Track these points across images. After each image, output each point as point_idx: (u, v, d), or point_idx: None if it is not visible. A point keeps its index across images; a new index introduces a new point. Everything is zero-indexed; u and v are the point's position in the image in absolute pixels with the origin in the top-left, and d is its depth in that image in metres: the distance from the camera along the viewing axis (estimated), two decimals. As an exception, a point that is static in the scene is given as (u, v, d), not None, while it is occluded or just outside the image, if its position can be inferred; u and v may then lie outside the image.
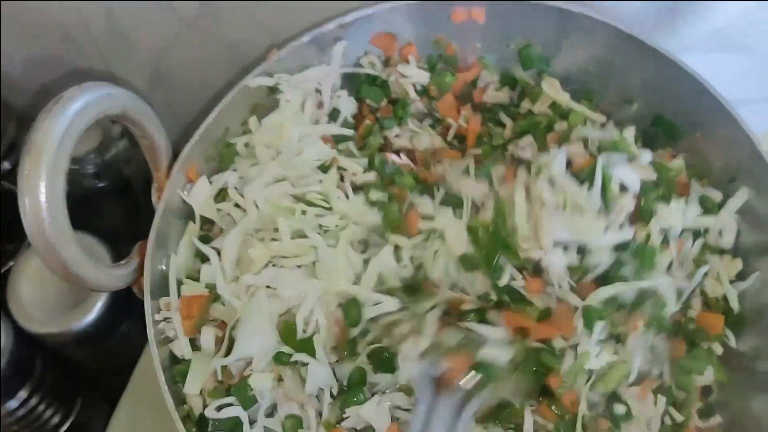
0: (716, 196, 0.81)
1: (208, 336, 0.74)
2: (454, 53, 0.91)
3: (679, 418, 0.75)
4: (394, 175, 0.81)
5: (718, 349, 0.77)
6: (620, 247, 0.74)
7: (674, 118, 0.84)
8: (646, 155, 0.79)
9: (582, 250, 0.74)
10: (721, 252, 0.81)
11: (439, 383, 0.68)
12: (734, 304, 0.77)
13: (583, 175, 0.75)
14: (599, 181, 0.74)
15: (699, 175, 0.83)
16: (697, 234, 0.80)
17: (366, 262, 0.76)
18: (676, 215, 0.78)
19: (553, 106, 0.87)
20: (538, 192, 0.74)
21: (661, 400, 0.74)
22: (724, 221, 0.80)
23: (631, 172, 0.76)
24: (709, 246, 0.81)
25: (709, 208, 0.80)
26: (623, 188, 0.76)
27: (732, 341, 0.77)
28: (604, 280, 0.73)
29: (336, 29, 0.87)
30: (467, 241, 0.75)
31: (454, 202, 0.78)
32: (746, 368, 0.76)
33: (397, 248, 0.77)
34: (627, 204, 0.75)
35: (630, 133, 0.81)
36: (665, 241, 0.77)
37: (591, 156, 0.78)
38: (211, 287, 0.77)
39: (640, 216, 0.77)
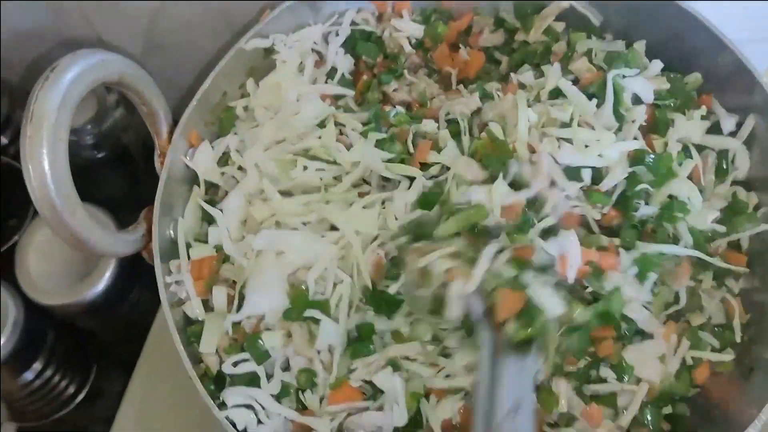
0: (730, 122, 0.80)
1: (220, 295, 0.74)
2: (449, 8, 0.91)
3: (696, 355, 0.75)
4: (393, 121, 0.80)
5: (736, 288, 0.77)
6: (636, 163, 0.73)
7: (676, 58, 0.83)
8: (657, 64, 0.78)
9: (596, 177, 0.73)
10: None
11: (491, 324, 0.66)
12: (744, 244, 0.77)
13: (592, 90, 0.75)
14: (611, 93, 0.74)
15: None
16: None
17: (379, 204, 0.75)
18: (694, 125, 0.77)
19: (548, 32, 0.86)
20: (542, 108, 0.73)
21: (685, 343, 0.74)
22: (736, 146, 0.79)
23: (644, 81, 0.75)
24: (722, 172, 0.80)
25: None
26: (636, 101, 0.76)
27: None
28: (623, 203, 0.73)
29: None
30: (477, 167, 0.72)
31: (454, 130, 0.77)
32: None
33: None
34: (640, 115, 0.74)
35: (641, 46, 0.80)
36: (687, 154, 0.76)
37: (599, 70, 0.78)
38: (219, 248, 0.77)
39: (655, 129, 0.76)
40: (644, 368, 0.71)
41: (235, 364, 0.71)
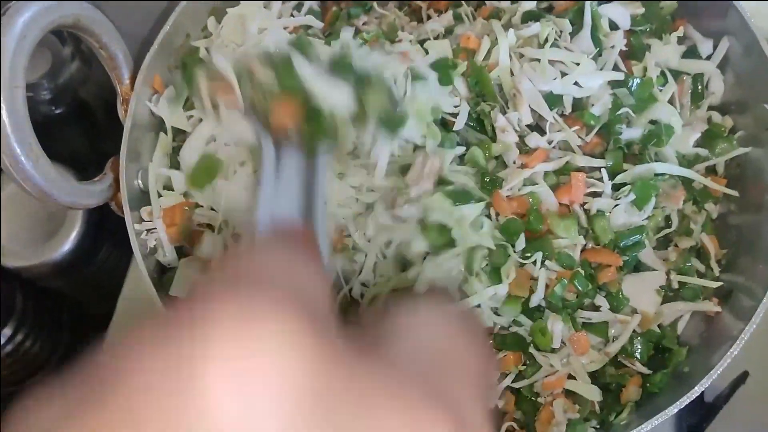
0: (707, 46, 0.80)
1: (207, 243, 0.73)
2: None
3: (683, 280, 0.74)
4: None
5: (714, 212, 0.77)
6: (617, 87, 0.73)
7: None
8: None
9: (576, 105, 0.73)
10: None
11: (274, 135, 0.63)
12: (719, 169, 0.78)
13: (568, 17, 0.74)
14: (588, 19, 0.73)
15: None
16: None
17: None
18: (670, 50, 0.77)
19: None
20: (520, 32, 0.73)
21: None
22: (711, 70, 0.79)
23: (620, 7, 0.75)
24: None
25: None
26: (612, 26, 0.75)
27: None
28: (606, 128, 0.73)
29: None
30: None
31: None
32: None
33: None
34: (618, 41, 0.74)
35: None
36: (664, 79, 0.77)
37: None
38: (189, 195, 0.75)
39: (632, 55, 0.76)
40: (640, 299, 0.71)
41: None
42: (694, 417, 0.81)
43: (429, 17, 0.83)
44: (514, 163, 0.72)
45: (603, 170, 0.71)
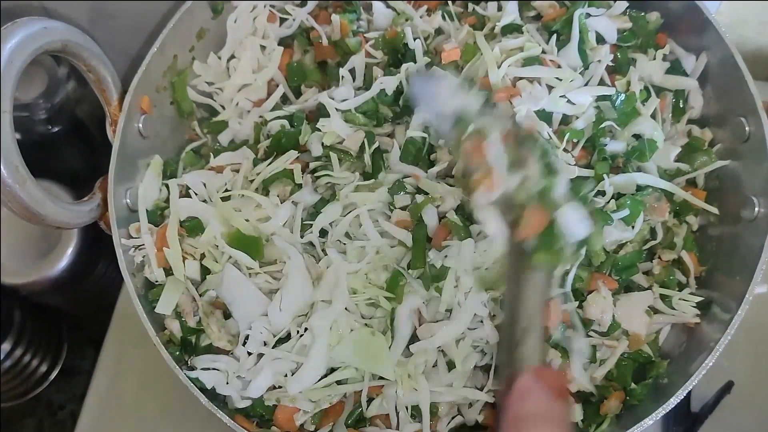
0: (690, 61, 0.80)
1: (191, 267, 0.74)
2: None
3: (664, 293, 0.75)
4: None
5: (695, 225, 0.78)
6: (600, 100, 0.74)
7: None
8: (622, 3, 0.79)
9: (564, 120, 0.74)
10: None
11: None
12: (699, 181, 0.78)
13: (555, 27, 0.75)
14: (577, 32, 0.74)
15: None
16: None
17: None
18: (655, 65, 0.78)
19: None
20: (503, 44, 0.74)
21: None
22: (691, 84, 0.80)
23: (607, 20, 0.75)
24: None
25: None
26: (599, 40, 0.76)
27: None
28: (591, 141, 0.74)
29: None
30: None
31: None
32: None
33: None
34: (605, 56, 0.75)
35: None
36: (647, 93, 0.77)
37: (561, 7, 0.78)
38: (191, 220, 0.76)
39: (618, 69, 0.77)
40: (631, 321, 0.72)
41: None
42: (681, 426, 0.81)
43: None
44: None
45: (606, 182, 0.71)
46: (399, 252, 0.73)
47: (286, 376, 0.69)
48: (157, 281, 0.75)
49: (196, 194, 0.78)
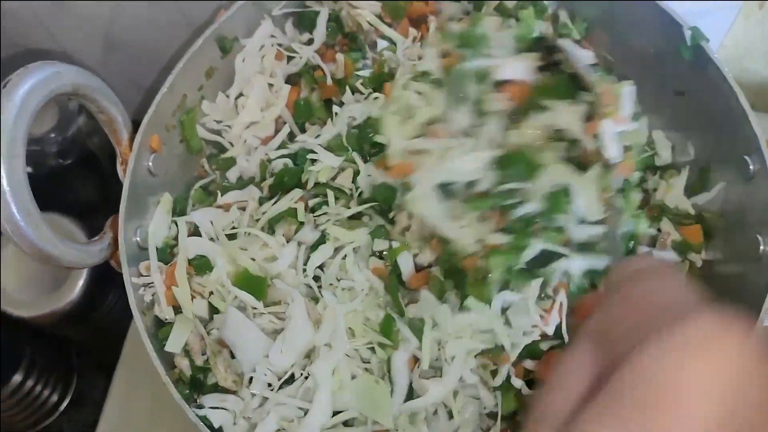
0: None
1: (200, 306, 0.76)
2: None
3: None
4: None
5: (698, 261, 0.78)
6: None
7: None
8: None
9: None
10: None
11: None
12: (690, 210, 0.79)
13: None
14: None
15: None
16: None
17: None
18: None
19: (501, 9, 0.86)
20: None
21: None
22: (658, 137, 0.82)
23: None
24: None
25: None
26: None
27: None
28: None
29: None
30: None
31: None
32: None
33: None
34: None
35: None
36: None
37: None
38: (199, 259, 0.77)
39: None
40: None
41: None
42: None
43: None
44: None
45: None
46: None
47: (292, 421, 0.70)
48: (166, 319, 0.76)
49: (204, 232, 0.79)
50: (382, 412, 0.69)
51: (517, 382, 0.70)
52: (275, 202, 0.78)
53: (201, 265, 0.76)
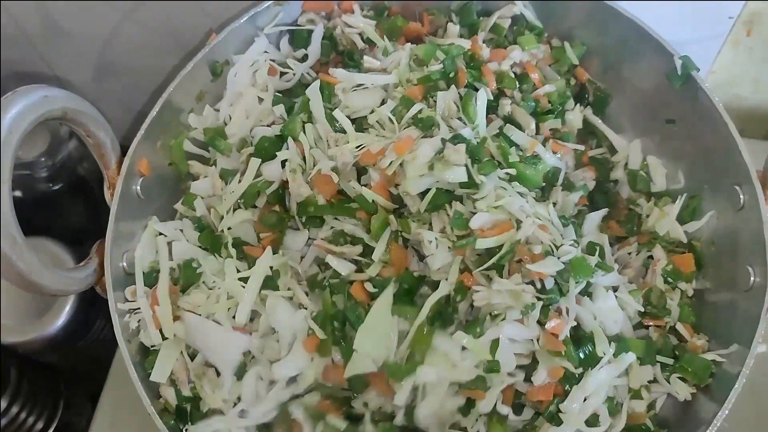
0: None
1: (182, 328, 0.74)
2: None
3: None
4: None
5: (689, 290, 0.78)
6: None
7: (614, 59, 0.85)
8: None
9: None
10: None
11: None
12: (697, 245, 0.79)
13: None
14: None
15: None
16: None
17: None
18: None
19: (496, 30, 0.87)
20: None
21: None
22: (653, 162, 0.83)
23: None
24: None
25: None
26: None
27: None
28: None
29: (274, 5, 0.87)
30: None
31: None
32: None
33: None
34: None
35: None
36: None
37: None
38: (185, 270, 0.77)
39: None
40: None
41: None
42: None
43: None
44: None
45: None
46: None
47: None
48: (153, 346, 0.75)
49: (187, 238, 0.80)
50: None
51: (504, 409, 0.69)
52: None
53: (187, 277, 0.76)
